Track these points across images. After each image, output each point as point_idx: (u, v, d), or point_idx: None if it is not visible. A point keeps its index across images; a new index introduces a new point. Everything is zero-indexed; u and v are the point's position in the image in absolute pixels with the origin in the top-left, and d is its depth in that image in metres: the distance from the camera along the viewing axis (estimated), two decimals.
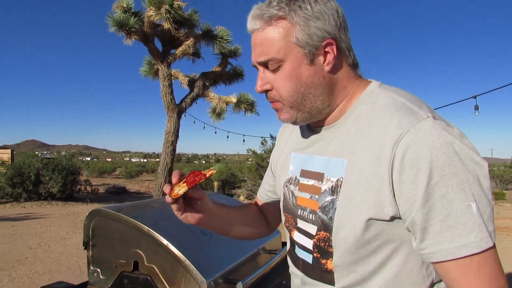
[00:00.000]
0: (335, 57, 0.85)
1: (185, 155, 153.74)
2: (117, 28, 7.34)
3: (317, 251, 0.89)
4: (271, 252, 2.14)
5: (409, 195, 0.73)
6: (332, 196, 0.85)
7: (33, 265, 5.18)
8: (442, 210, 0.70)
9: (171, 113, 8.35)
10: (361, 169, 0.80)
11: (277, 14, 0.82)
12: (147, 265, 1.64)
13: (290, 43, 0.83)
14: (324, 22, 0.83)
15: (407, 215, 0.74)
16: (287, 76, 0.85)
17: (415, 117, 0.76)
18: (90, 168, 31.00)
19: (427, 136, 0.72)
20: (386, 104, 0.83)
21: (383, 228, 0.78)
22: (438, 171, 0.70)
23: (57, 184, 12.36)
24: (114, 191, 16.78)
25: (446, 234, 0.70)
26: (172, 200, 0.88)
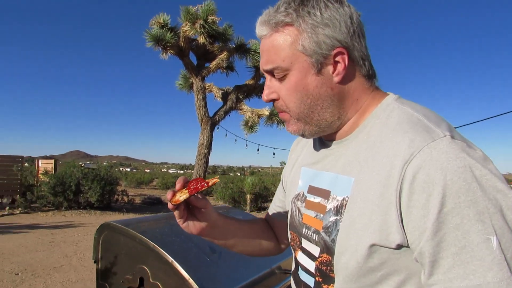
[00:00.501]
0: (346, 67, 0.78)
1: (221, 167, 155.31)
2: (154, 43, 7.58)
3: (319, 274, 0.83)
4: (286, 272, 2.01)
5: (419, 223, 0.64)
6: (336, 217, 0.78)
7: (67, 273, 5.32)
8: (455, 242, 0.61)
9: (205, 125, 8.46)
10: (368, 189, 0.72)
11: (283, 20, 0.77)
12: (152, 281, 1.61)
13: (296, 51, 0.78)
14: (334, 30, 0.76)
15: (415, 244, 0.65)
16: (293, 86, 0.80)
17: (430, 135, 0.68)
18: (128, 178, 31.94)
19: (443, 157, 0.64)
20: (401, 120, 0.75)
21: (388, 257, 0.70)
22: (453, 197, 0.62)
23: (96, 193, 12.77)
24: (149, 201, 17.15)
25: (458, 270, 0.61)
26: (173, 206, 0.85)
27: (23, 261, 5.82)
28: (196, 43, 8.17)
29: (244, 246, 1.07)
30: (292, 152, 1.09)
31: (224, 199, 16.14)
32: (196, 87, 8.36)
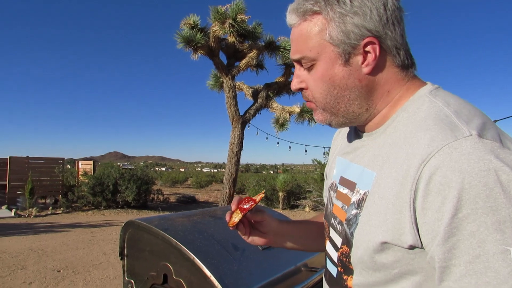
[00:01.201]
0: (377, 58, 0.75)
1: (254, 165, 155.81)
2: (185, 44, 7.66)
3: (340, 265, 0.84)
4: (312, 270, 1.93)
5: (432, 226, 0.61)
6: (357, 210, 0.78)
7: (106, 270, 5.49)
8: (469, 250, 0.57)
9: (235, 124, 8.49)
10: (386, 186, 0.71)
11: (312, 8, 0.75)
12: (175, 279, 1.61)
13: (323, 41, 0.76)
14: (365, 18, 0.73)
15: (428, 248, 0.63)
16: (320, 76, 0.78)
17: (453, 134, 0.63)
18: (163, 178, 32.69)
19: (463, 159, 0.59)
20: (427, 115, 0.70)
21: (402, 256, 0.68)
22: (470, 202, 0.57)
23: (132, 193, 13.15)
24: (184, 200, 17.47)
25: (471, 280, 0.57)
26: (232, 228, 0.91)
27: (65, 258, 6.07)
28: (225, 42, 8.19)
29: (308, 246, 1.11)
30: (333, 144, 1.08)
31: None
32: (227, 86, 8.39)
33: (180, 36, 7.59)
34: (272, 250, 1.87)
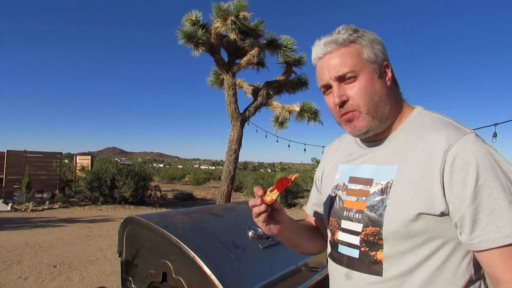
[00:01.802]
0: (392, 77, 1.04)
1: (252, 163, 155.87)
2: (186, 41, 7.61)
3: (364, 245, 0.99)
4: (313, 270, 1.94)
5: (459, 194, 0.86)
6: (382, 196, 0.97)
7: (102, 266, 5.46)
8: (488, 206, 0.84)
9: (235, 121, 8.44)
10: (410, 173, 0.93)
11: (348, 38, 1.00)
12: (175, 277, 1.59)
13: (363, 59, 0.99)
14: (382, 48, 1.03)
15: (456, 211, 0.87)
16: (364, 86, 0.99)
17: (461, 131, 0.91)
18: (161, 174, 32.64)
19: (473, 147, 0.87)
20: (434, 121, 0.99)
21: (432, 223, 0.90)
22: (484, 174, 0.85)
23: (130, 189, 13.10)
24: (181, 197, 17.43)
25: (492, 226, 0.83)
26: (266, 207, 0.99)
27: (61, 253, 6.03)
28: (227, 39, 8.13)
29: (304, 244, 1.24)
30: (325, 155, 1.29)
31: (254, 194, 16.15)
32: (227, 83, 8.34)
33: (182, 32, 7.53)
34: (273, 249, 1.86)
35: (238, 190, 22.92)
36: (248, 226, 1.93)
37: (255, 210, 1.01)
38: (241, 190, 23.60)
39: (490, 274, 0.88)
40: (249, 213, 2.19)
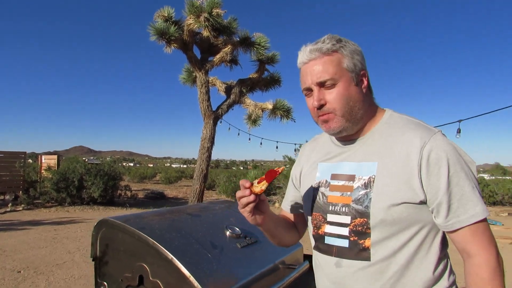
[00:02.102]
0: (367, 84, 1.16)
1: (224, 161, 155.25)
2: (158, 37, 7.43)
3: (353, 235, 1.09)
4: (290, 267, 1.96)
5: (435, 184, 1.02)
6: (366, 190, 1.08)
7: (70, 270, 5.25)
8: (458, 192, 1.01)
9: (208, 119, 8.35)
10: (391, 168, 1.06)
11: (332, 48, 1.11)
12: (152, 280, 1.54)
13: (343, 68, 1.11)
14: (361, 58, 1.15)
15: (433, 199, 1.03)
16: (341, 93, 1.11)
17: (431, 131, 1.08)
18: (131, 173, 31.95)
19: (442, 143, 1.04)
20: (406, 123, 1.13)
21: (412, 211, 1.04)
22: (452, 166, 1.02)
23: (99, 189, 12.72)
24: (153, 196, 17.11)
25: (461, 209, 1.01)
26: (255, 197, 1.07)
27: (25, 258, 5.76)
28: (200, 36, 8.01)
29: (282, 236, 1.31)
30: (301, 155, 1.38)
31: (226, 193, 16.05)
32: (200, 81, 8.21)
33: (154, 28, 7.35)
34: (250, 248, 1.85)
35: (210, 189, 22.76)
36: (226, 225, 1.90)
37: (243, 201, 1.08)
38: (214, 189, 23.45)
39: (461, 249, 1.05)
40: (225, 212, 2.16)
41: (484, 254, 1.01)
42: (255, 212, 1.13)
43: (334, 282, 1.14)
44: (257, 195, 1.07)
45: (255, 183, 1.08)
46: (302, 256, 2.17)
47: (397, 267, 1.05)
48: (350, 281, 1.10)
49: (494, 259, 1.00)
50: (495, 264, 1.00)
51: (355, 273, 1.09)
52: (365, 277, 1.08)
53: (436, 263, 1.07)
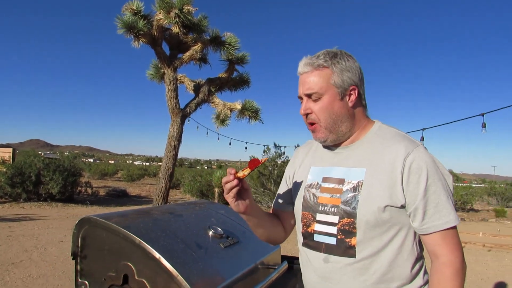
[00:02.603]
0: (356, 98, 1.25)
1: (188, 160, 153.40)
2: (126, 31, 7.25)
3: (341, 233, 1.20)
4: (270, 267, 2.02)
5: (414, 191, 1.13)
6: (354, 193, 1.19)
7: (28, 269, 5.05)
8: (434, 200, 1.13)
9: (175, 117, 8.24)
10: (378, 174, 1.18)
11: (323, 64, 1.22)
12: (138, 279, 1.53)
13: (329, 84, 1.22)
14: (353, 74, 1.24)
15: (411, 204, 1.14)
16: (325, 106, 1.23)
17: (415, 143, 1.20)
18: (92, 170, 30.94)
19: (423, 155, 1.16)
20: (394, 134, 1.25)
21: (395, 213, 1.15)
22: (431, 177, 1.14)
23: (57, 185, 12.27)
24: (114, 194, 16.67)
25: (436, 215, 1.13)
26: (237, 182, 1.16)
27: None
28: (169, 32, 7.90)
29: (267, 229, 1.38)
30: (295, 157, 1.48)
31: (191, 192, 15.90)
32: (168, 77, 8.09)
33: (122, 21, 7.16)
34: (233, 248, 1.88)
35: (174, 188, 22.46)
36: (208, 225, 1.92)
37: (228, 186, 1.17)
38: (178, 188, 23.16)
39: (432, 251, 1.16)
40: (206, 212, 2.19)
41: (450, 255, 1.12)
42: (238, 198, 1.20)
43: (321, 276, 1.24)
44: (240, 180, 1.16)
45: (240, 171, 1.17)
46: (280, 257, 2.24)
47: (379, 264, 1.16)
48: (336, 275, 1.21)
49: (459, 261, 1.12)
50: (458, 266, 1.11)
51: (341, 268, 1.20)
52: (351, 272, 1.18)
53: (413, 262, 1.19)
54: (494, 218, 15.60)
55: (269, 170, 12.99)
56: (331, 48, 1.28)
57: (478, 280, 5.72)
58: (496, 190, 24.93)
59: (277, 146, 12.93)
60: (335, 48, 1.27)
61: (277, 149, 12.97)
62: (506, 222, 14.59)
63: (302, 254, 1.35)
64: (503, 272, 6.23)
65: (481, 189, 28.90)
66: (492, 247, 8.34)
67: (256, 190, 13.03)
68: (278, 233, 1.43)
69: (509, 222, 14.44)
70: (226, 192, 1.19)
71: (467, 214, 17.12)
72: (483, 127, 6.25)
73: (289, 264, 2.17)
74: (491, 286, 5.51)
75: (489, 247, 8.35)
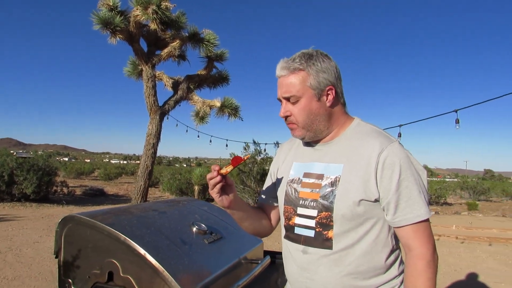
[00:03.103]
0: (333, 98, 1.28)
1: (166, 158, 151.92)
2: (102, 27, 7.14)
3: (319, 226, 1.25)
4: (253, 262, 2.07)
5: (387, 186, 1.18)
6: (332, 188, 1.23)
7: (2, 271, 4.92)
8: (406, 195, 1.17)
9: (154, 115, 8.17)
10: (354, 169, 1.22)
11: (298, 67, 1.25)
12: (123, 276, 1.54)
13: (306, 86, 1.25)
14: (329, 75, 1.26)
15: (384, 198, 1.19)
16: (303, 108, 1.27)
17: (390, 139, 1.24)
18: (67, 169, 30.25)
19: (397, 151, 1.20)
20: (370, 131, 1.29)
21: (369, 207, 1.20)
22: (404, 172, 1.18)
23: (32, 184, 11.95)
24: (91, 193, 16.36)
25: (408, 209, 1.17)
26: (221, 178, 1.21)
27: None
28: (147, 29, 7.81)
29: (253, 222, 1.44)
30: (279, 153, 1.53)
31: (171, 190, 15.78)
32: (146, 74, 8.01)
33: (97, 17, 7.04)
34: (217, 243, 1.90)
35: (153, 186, 22.22)
36: (192, 222, 1.94)
37: (212, 182, 1.22)
38: (157, 186, 22.92)
39: (405, 243, 1.20)
40: (189, 209, 2.20)
41: (422, 248, 1.16)
42: (222, 193, 1.26)
43: (300, 267, 1.29)
44: (223, 176, 1.21)
45: (223, 167, 1.22)
46: (263, 252, 2.28)
47: (354, 256, 1.21)
48: (313, 266, 1.26)
49: (430, 254, 1.16)
50: (430, 258, 1.16)
51: (318, 259, 1.24)
52: (327, 263, 1.23)
53: (388, 254, 1.24)
54: (467, 211, 16.12)
55: (249, 167, 13.02)
56: (307, 49, 1.30)
57: (451, 271, 5.93)
58: (468, 184, 25.74)
59: (257, 143, 12.99)
60: (311, 49, 1.30)
61: (256, 146, 13.03)
62: (478, 215, 15.10)
63: (284, 246, 1.39)
64: (475, 263, 6.47)
65: (454, 183, 29.77)
66: (465, 239, 8.63)
67: (236, 187, 13.01)
68: (264, 225, 1.48)
69: (481, 215, 14.97)
70: (210, 188, 1.23)
71: (441, 208, 17.63)
72: (456, 123, 6.45)
73: (272, 259, 2.20)
74: (463, 276, 5.72)
75: (462, 239, 8.63)
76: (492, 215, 15.14)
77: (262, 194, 1.52)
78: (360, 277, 1.21)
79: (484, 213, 15.89)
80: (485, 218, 14.08)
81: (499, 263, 6.52)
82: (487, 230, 10.33)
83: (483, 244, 8.28)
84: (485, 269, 6.07)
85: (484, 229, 10.55)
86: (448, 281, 5.38)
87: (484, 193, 24.51)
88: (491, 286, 5.22)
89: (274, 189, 1.45)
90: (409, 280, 1.17)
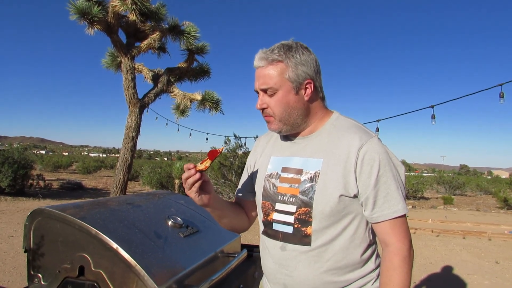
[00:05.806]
0: (312, 92, 1.26)
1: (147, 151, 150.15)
2: (79, 17, 6.95)
3: (297, 223, 1.23)
4: (230, 256, 2.06)
5: (366, 181, 1.17)
6: (312, 183, 1.22)
7: None
8: (384, 190, 1.17)
9: (133, 107, 8.04)
10: (334, 165, 1.21)
11: (277, 58, 1.22)
12: (94, 270, 1.52)
13: (284, 78, 1.22)
14: (308, 68, 1.23)
15: (363, 193, 1.18)
16: (280, 100, 1.23)
17: (369, 134, 1.23)
18: (44, 162, 29.52)
19: (376, 147, 1.19)
20: (350, 125, 1.28)
21: (348, 203, 1.19)
22: (382, 167, 1.17)
23: (7, 178, 11.64)
24: (69, 186, 16.03)
25: (386, 205, 1.17)
26: (200, 175, 1.18)
27: None
28: (126, 20, 7.65)
29: (231, 219, 1.41)
30: (256, 147, 1.49)
31: (151, 184, 15.63)
32: (125, 66, 7.86)
33: (74, 7, 6.86)
34: (193, 237, 1.88)
35: (133, 180, 21.95)
36: (167, 215, 1.92)
37: (190, 181, 1.18)
38: (137, 179, 22.65)
39: (382, 239, 1.21)
40: (165, 202, 2.18)
41: (398, 244, 1.17)
42: (200, 192, 1.22)
43: (278, 263, 1.28)
44: (202, 173, 1.18)
45: (198, 164, 1.18)
46: (240, 246, 2.27)
47: (333, 252, 1.21)
48: (292, 263, 1.24)
49: (406, 249, 1.17)
50: (405, 254, 1.16)
51: (297, 256, 1.23)
52: (305, 260, 1.22)
53: (365, 248, 1.24)
54: (442, 205, 16.55)
55: (230, 161, 13.01)
56: (287, 40, 1.26)
57: (427, 264, 6.08)
58: (444, 179, 26.37)
59: (237, 137, 12.97)
60: (291, 40, 1.26)
61: (237, 140, 13.02)
62: (453, 209, 15.52)
63: (261, 242, 1.38)
64: (449, 256, 6.66)
65: (431, 178, 30.49)
66: (440, 233, 8.86)
67: (217, 181, 13.03)
68: (242, 221, 1.46)
69: (456, 209, 15.40)
70: (188, 188, 1.19)
71: (418, 202, 18.05)
72: (432, 119, 6.58)
73: (249, 252, 2.21)
74: (438, 269, 5.88)
75: (437, 233, 8.86)
76: (467, 209, 15.59)
77: (239, 188, 1.49)
78: (338, 272, 1.21)
79: (459, 207, 16.35)
80: (460, 212, 14.49)
81: (472, 256, 6.73)
82: (461, 224, 10.64)
83: (457, 237, 8.53)
84: (459, 262, 6.26)
85: (459, 222, 10.86)
86: (423, 273, 5.52)
87: (459, 187, 25.17)
88: (464, 277, 5.39)
89: (251, 183, 1.43)
90: (385, 275, 1.17)
